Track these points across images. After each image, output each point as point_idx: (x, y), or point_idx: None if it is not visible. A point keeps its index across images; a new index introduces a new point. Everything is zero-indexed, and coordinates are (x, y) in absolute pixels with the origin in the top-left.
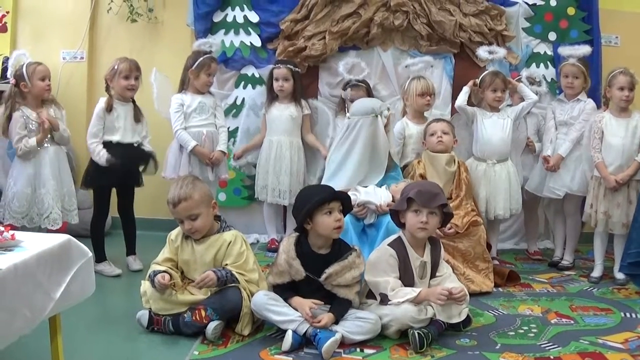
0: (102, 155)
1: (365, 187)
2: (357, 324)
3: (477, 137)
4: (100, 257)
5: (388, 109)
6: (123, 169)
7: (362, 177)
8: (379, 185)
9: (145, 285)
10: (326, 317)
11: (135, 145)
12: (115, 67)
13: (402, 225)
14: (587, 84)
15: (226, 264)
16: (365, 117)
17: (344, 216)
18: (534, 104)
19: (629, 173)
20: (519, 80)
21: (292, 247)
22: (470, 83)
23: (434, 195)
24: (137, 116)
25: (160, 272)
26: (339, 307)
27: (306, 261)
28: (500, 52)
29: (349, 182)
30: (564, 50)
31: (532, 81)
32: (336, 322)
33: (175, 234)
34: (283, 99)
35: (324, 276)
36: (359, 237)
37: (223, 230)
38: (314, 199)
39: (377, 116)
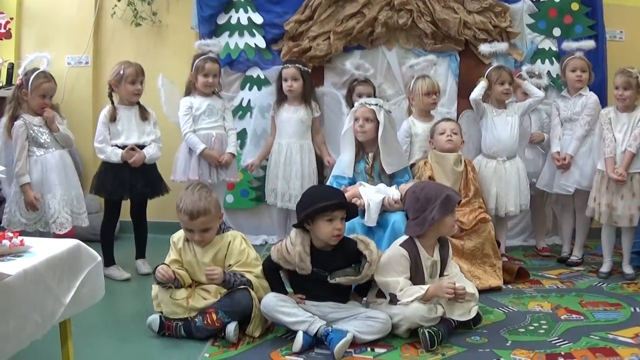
0: (115, 153)
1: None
2: (367, 323)
3: (486, 134)
4: (109, 261)
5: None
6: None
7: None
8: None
9: (156, 289)
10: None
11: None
12: (121, 72)
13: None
14: (591, 79)
15: (229, 265)
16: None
17: (348, 220)
18: (540, 101)
19: (625, 164)
20: (520, 77)
21: (307, 243)
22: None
23: (456, 192)
24: (144, 114)
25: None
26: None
27: (314, 257)
28: (502, 45)
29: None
30: (569, 45)
31: (532, 74)
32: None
33: (177, 236)
34: (293, 100)
35: (333, 282)
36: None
37: (223, 232)
38: (318, 204)
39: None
